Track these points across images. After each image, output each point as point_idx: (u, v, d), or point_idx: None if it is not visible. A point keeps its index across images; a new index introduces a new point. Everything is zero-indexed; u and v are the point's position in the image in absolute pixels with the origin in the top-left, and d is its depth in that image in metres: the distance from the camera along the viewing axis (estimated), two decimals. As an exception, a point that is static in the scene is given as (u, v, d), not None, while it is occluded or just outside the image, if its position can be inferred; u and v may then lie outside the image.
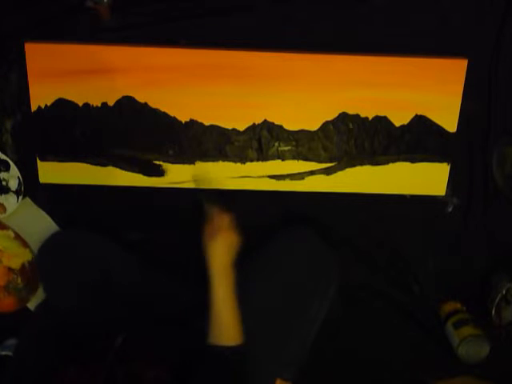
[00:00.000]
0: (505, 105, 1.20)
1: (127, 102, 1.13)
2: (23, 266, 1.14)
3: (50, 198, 1.22)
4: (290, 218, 1.27)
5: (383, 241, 1.29)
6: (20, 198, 1.12)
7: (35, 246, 1.21)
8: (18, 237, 1.14)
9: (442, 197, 1.24)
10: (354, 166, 1.19)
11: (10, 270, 1.12)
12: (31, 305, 1.25)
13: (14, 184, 1.11)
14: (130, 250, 1.19)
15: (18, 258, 1.14)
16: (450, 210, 1.26)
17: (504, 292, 1.27)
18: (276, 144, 1.17)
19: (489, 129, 1.21)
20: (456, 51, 1.14)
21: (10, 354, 1.22)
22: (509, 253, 1.31)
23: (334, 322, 1.22)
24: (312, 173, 1.20)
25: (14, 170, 1.13)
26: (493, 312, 1.28)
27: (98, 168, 1.17)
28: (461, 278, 1.33)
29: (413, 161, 1.20)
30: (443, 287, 1.33)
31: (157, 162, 1.18)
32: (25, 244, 1.15)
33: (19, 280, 1.14)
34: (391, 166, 1.20)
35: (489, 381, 1.35)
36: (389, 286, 1.33)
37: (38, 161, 1.17)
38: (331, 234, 1.27)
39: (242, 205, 1.22)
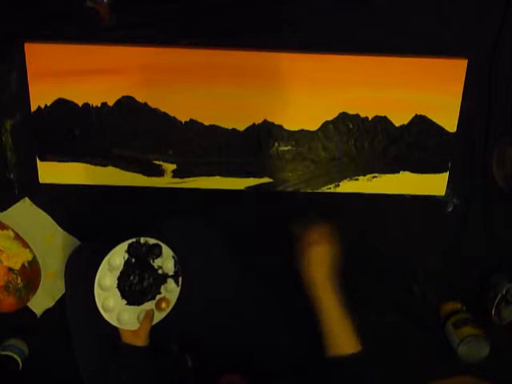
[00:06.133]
0: (505, 105, 1.20)
1: (127, 102, 1.13)
2: (23, 265, 1.13)
3: (50, 198, 1.22)
4: (291, 218, 1.27)
5: (383, 241, 1.30)
6: (180, 280, 1.05)
7: (35, 246, 1.21)
8: (17, 237, 1.14)
9: (442, 197, 1.24)
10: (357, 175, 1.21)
11: (9, 269, 1.11)
12: (31, 305, 1.25)
13: (170, 266, 1.04)
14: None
15: (18, 257, 1.14)
16: (449, 209, 1.26)
17: (504, 292, 1.27)
18: (276, 144, 1.18)
19: (489, 129, 1.21)
20: (456, 51, 1.14)
21: (9, 354, 1.22)
22: (509, 253, 1.31)
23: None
24: (313, 174, 1.21)
25: (167, 250, 1.04)
26: (493, 312, 1.28)
27: (98, 168, 1.17)
28: (461, 278, 1.33)
29: (413, 161, 1.20)
30: (443, 287, 1.33)
31: (157, 162, 1.18)
32: (25, 244, 1.15)
33: (19, 280, 1.14)
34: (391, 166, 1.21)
35: (488, 381, 1.36)
36: (389, 286, 1.33)
37: (38, 161, 1.17)
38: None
39: (244, 205, 1.23)
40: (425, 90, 1.15)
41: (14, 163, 1.19)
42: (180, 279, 1.04)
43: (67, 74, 1.11)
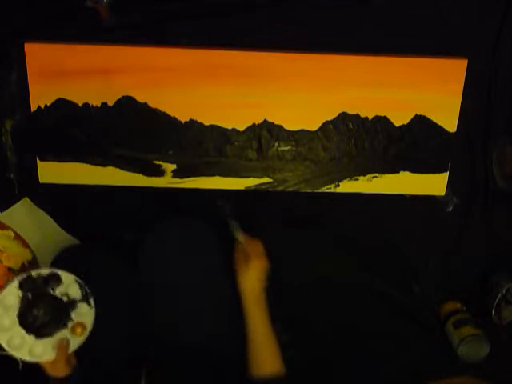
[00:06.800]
0: (505, 105, 1.20)
1: (127, 102, 1.13)
2: (23, 265, 1.14)
3: (50, 197, 1.22)
4: (291, 218, 1.28)
5: (384, 241, 1.30)
6: (91, 301, 1.02)
7: (35, 246, 1.21)
8: (18, 237, 1.14)
9: (443, 196, 1.25)
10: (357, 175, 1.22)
11: (9, 269, 1.11)
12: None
13: (75, 291, 1.02)
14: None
15: (18, 257, 1.14)
16: (450, 209, 1.27)
17: (504, 292, 1.28)
18: (276, 144, 1.18)
19: (489, 129, 1.22)
20: (456, 51, 1.15)
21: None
22: (509, 252, 1.32)
23: (334, 320, 1.23)
24: (313, 174, 1.21)
25: (67, 276, 1.02)
26: (493, 312, 1.29)
27: (98, 168, 1.18)
28: (461, 278, 1.34)
29: (413, 161, 1.21)
30: (443, 287, 1.34)
31: (157, 162, 1.18)
32: (25, 244, 1.15)
33: None
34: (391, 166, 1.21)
35: (488, 381, 1.36)
36: (389, 285, 1.33)
37: (38, 161, 1.17)
38: (331, 235, 1.28)
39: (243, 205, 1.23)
40: (425, 90, 1.15)
41: (13, 163, 1.19)
42: (92, 301, 1.02)
43: (67, 73, 1.11)
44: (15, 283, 0.98)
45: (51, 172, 1.18)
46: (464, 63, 1.14)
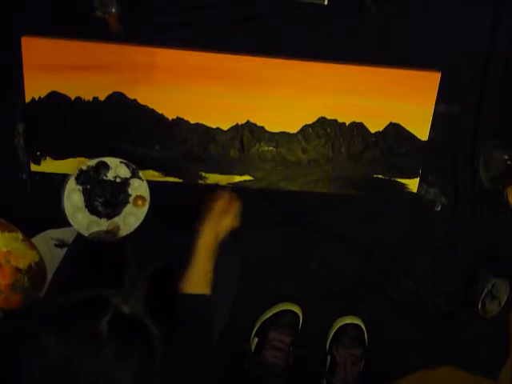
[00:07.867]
0: (492, 111, 1.25)
1: (117, 98, 1.17)
2: (30, 266, 1.12)
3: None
4: (287, 217, 1.32)
5: (375, 240, 1.34)
6: (140, 175, 1.17)
7: (42, 248, 1.21)
8: (25, 239, 1.16)
9: (432, 196, 1.29)
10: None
11: (17, 269, 1.11)
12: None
13: (124, 171, 1.16)
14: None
15: (26, 258, 1.12)
16: (438, 209, 1.31)
17: (490, 287, 1.33)
18: (257, 144, 1.22)
19: (476, 132, 1.27)
20: (439, 63, 1.19)
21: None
22: (494, 250, 1.36)
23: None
24: (292, 173, 1.26)
25: (113, 160, 1.15)
26: (479, 306, 1.33)
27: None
28: (449, 274, 1.38)
29: (386, 166, 1.25)
30: (432, 282, 1.38)
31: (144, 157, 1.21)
32: (32, 246, 1.16)
33: (25, 279, 1.12)
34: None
35: (472, 372, 1.40)
36: (384, 282, 1.37)
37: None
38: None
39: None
40: (400, 99, 1.19)
41: (25, 163, 1.22)
42: (140, 174, 1.16)
43: (61, 68, 1.13)
44: (72, 181, 1.12)
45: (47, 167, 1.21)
46: (437, 76, 1.18)
